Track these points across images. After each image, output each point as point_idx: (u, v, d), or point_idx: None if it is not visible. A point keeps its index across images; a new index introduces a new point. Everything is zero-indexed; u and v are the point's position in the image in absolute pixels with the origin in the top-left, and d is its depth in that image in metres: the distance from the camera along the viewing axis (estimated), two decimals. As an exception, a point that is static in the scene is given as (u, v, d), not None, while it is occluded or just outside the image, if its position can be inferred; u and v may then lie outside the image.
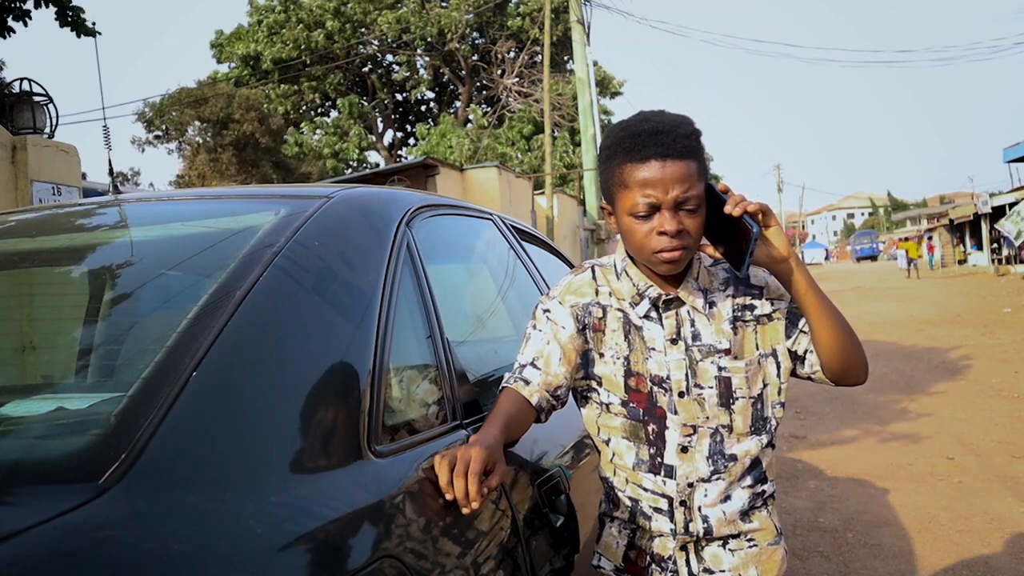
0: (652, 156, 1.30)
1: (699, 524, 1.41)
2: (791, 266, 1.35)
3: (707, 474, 1.40)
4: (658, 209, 1.31)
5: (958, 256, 31.98)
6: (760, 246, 1.34)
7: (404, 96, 28.64)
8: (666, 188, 1.29)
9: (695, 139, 1.33)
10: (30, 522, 0.73)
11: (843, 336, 1.38)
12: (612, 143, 1.37)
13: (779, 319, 1.43)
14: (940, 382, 7.93)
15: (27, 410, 1.09)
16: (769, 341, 1.43)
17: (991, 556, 3.56)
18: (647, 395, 1.42)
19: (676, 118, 1.34)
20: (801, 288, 1.36)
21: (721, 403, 1.40)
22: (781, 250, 1.34)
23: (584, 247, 19.17)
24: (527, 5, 24.91)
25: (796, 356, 1.44)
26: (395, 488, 1.11)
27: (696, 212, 1.32)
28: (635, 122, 1.35)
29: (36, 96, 7.61)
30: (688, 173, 1.30)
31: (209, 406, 0.94)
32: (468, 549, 1.20)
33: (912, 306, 16.39)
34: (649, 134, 1.31)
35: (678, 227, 1.30)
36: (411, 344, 1.40)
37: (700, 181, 1.32)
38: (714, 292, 1.43)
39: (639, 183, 1.31)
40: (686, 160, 1.30)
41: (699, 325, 1.41)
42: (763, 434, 1.43)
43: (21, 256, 1.52)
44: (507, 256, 2.14)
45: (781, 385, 1.44)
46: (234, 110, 19.21)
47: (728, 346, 1.40)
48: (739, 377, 1.41)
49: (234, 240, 1.29)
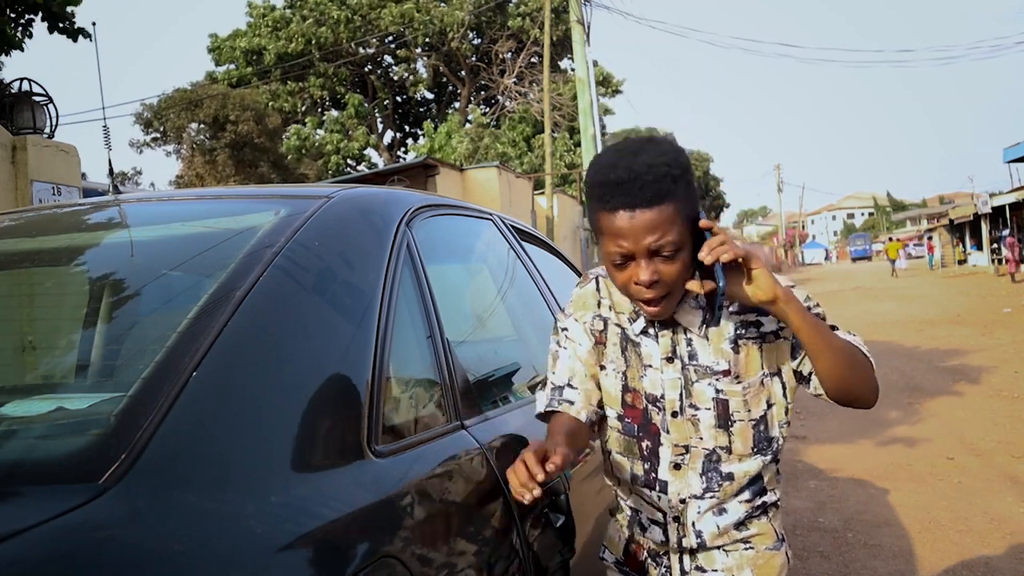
0: (620, 207, 1.24)
1: (692, 539, 1.42)
2: (781, 308, 1.27)
3: (700, 491, 1.40)
4: (632, 258, 1.27)
5: (958, 256, 31.98)
6: (746, 288, 1.27)
7: (404, 96, 28.64)
8: (637, 238, 1.24)
9: (668, 182, 1.23)
10: (30, 522, 0.73)
11: (843, 368, 1.32)
12: (588, 184, 1.33)
13: (786, 339, 1.38)
14: (940, 382, 7.92)
15: (27, 410, 1.09)
16: (775, 360, 1.40)
17: (991, 556, 3.56)
18: (642, 412, 1.42)
19: (644, 164, 1.24)
20: (795, 326, 1.28)
21: (719, 425, 1.38)
22: (766, 294, 1.26)
23: (584, 247, 19.17)
24: (527, 5, 24.90)
25: (801, 376, 1.40)
26: (395, 488, 1.11)
27: (674, 257, 1.26)
28: (606, 166, 1.28)
29: (36, 96, 7.61)
30: (659, 220, 1.23)
31: (209, 406, 0.94)
32: (468, 550, 1.20)
33: (912, 306, 16.38)
34: (615, 184, 1.24)
35: (652, 277, 1.26)
36: (411, 344, 1.40)
37: (676, 224, 1.24)
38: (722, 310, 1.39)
39: (611, 233, 1.27)
40: (657, 206, 1.23)
41: (696, 345, 1.38)
42: (767, 453, 1.41)
43: (21, 256, 1.52)
44: (507, 256, 2.14)
45: (787, 404, 1.42)
46: (229, 110, 19.20)
47: (727, 367, 1.37)
48: (736, 400, 1.37)
49: (234, 240, 1.29)
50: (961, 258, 31.68)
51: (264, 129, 20.09)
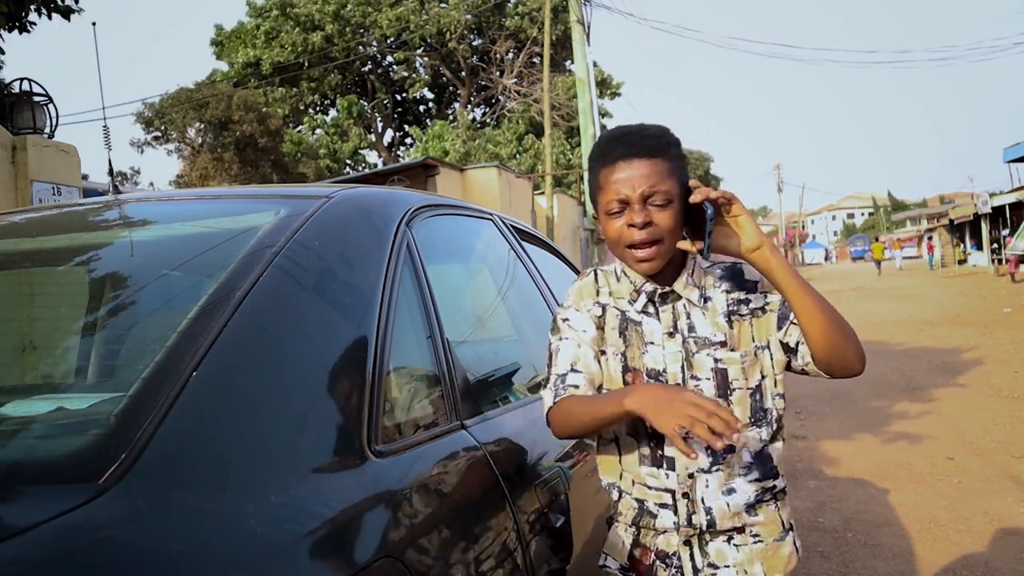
0: (619, 157, 1.40)
1: (702, 516, 1.43)
2: (766, 254, 1.37)
3: (706, 464, 1.42)
4: (628, 205, 1.39)
5: (958, 256, 31.98)
6: (732, 235, 1.38)
7: (403, 96, 28.64)
8: (632, 185, 1.38)
9: (663, 141, 1.41)
10: (30, 522, 0.73)
11: (829, 323, 1.36)
12: (592, 154, 1.48)
13: (772, 311, 1.46)
14: (940, 382, 7.92)
15: (27, 410, 1.09)
16: (764, 333, 1.46)
17: (991, 556, 3.56)
18: None
19: (648, 125, 1.44)
20: (779, 275, 1.37)
21: (719, 394, 1.43)
22: (752, 238, 1.37)
23: (584, 247, 19.17)
24: (526, 5, 24.89)
25: (789, 348, 1.45)
26: (395, 488, 1.11)
27: (665, 207, 1.38)
28: (608, 134, 1.48)
29: (36, 96, 7.61)
30: (654, 170, 1.38)
31: (209, 406, 0.94)
32: (468, 549, 1.20)
33: (912, 306, 16.39)
34: (617, 138, 1.43)
35: (645, 219, 1.37)
36: (411, 344, 1.40)
37: (669, 179, 1.38)
38: (709, 288, 1.47)
39: (610, 183, 1.40)
40: (652, 158, 1.38)
41: (694, 318, 1.45)
42: (763, 425, 1.45)
43: (21, 256, 1.52)
44: (507, 256, 2.14)
45: (777, 376, 1.47)
46: (233, 111, 19.22)
47: (724, 339, 1.44)
48: (735, 368, 1.44)
49: (234, 240, 1.29)
50: (961, 258, 31.68)
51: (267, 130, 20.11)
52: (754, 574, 1.44)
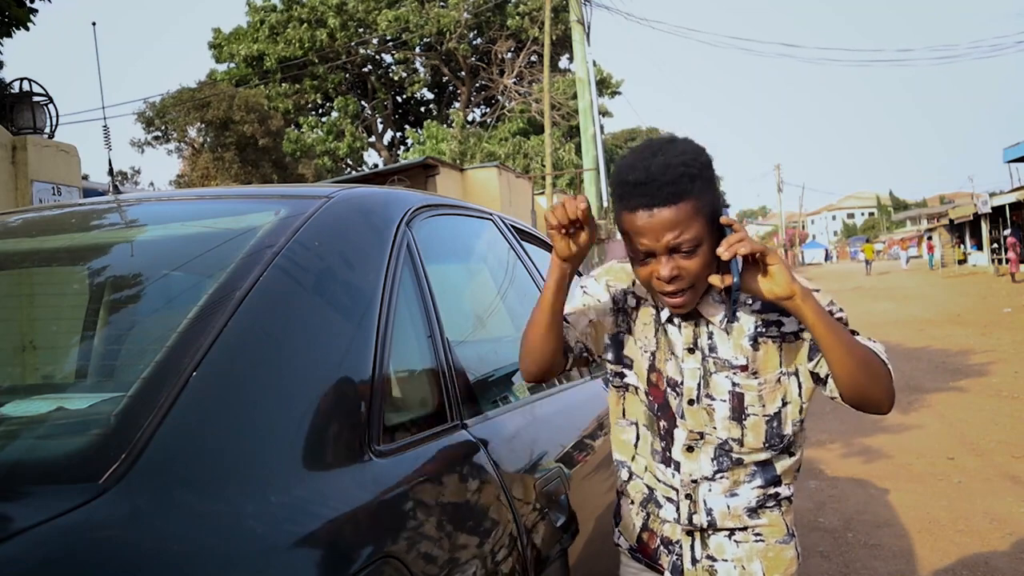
0: (639, 207, 1.29)
1: (703, 516, 1.44)
2: (797, 303, 1.29)
3: (710, 473, 1.43)
4: (653, 255, 1.31)
5: (958, 256, 31.97)
6: (763, 283, 1.29)
7: (403, 96, 28.62)
8: (656, 236, 1.28)
9: (685, 181, 1.27)
10: (30, 522, 0.73)
11: (858, 372, 1.32)
12: (612, 184, 1.40)
13: (805, 340, 1.40)
14: (940, 382, 7.93)
15: (27, 410, 1.09)
16: (794, 360, 1.41)
17: (991, 556, 3.56)
18: (663, 393, 1.46)
19: (661, 165, 1.28)
20: (810, 323, 1.30)
21: (732, 417, 1.40)
22: (783, 289, 1.28)
23: (584, 247, 19.12)
24: (526, 5, 24.87)
25: (818, 378, 1.41)
26: (395, 488, 1.11)
27: (694, 253, 1.29)
28: (625, 167, 1.33)
29: (36, 96, 7.60)
30: (677, 219, 1.27)
31: (209, 406, 0.94)
32: (468, 549, 1.20)
33: (912, 306, 16.38)
34: (633, 185, 1.29)
35: (671, 273, 1.30)
36: (411, 344, 1.40)
37: (695, 221, 1.28)
38: (739, 306, 1.40)
39: (633, 231, 1.31)
40: (674, 205, 1.27)
41: (716, 338, 1.41)
42: (779, 449, 1.44)
43: (21, 256, 1.52)
44: (507, 256, 2.14)
45: (803, 404, 1.43)
46: (234, 112, 19.24)
47: (744, 363, 1.39)
48: (752, 394, 1.40)
49: (234, 240, 1.29)
50: (961, 258, 31.67)
51: (267, 130, 20.13)
52: (752, 571, 1.45)
